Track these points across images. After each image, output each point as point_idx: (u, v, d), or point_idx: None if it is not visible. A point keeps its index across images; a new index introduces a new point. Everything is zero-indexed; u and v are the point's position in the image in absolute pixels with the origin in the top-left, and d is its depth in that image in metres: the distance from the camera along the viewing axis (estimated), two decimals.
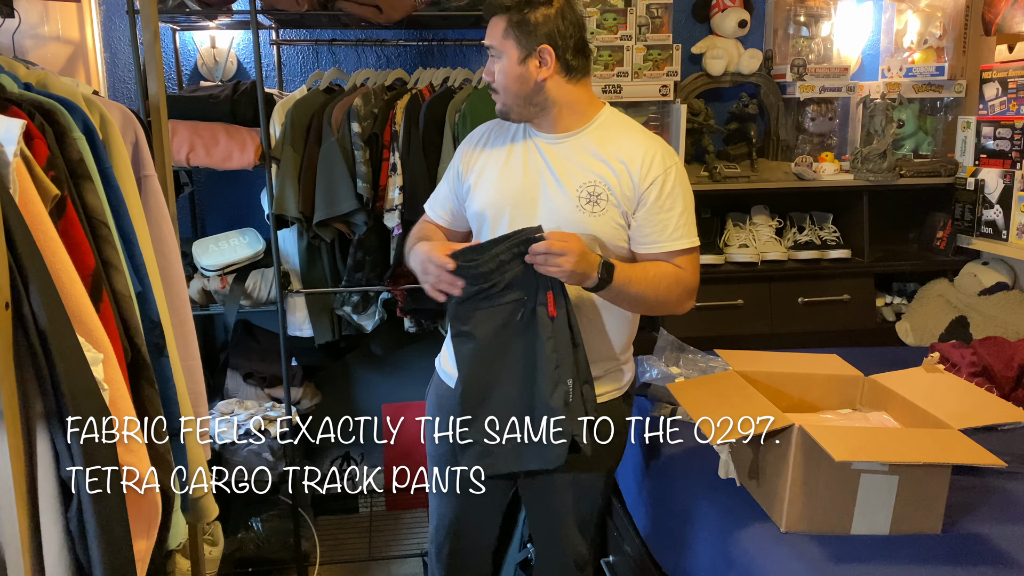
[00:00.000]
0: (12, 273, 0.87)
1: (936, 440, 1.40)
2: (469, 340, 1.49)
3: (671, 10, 2.72)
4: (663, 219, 1.53)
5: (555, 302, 1.44)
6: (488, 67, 1.56)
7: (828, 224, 2.78)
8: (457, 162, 1.69)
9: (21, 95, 1.09)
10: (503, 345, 1.48)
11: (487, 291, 1.45)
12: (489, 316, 1.48)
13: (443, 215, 1.74)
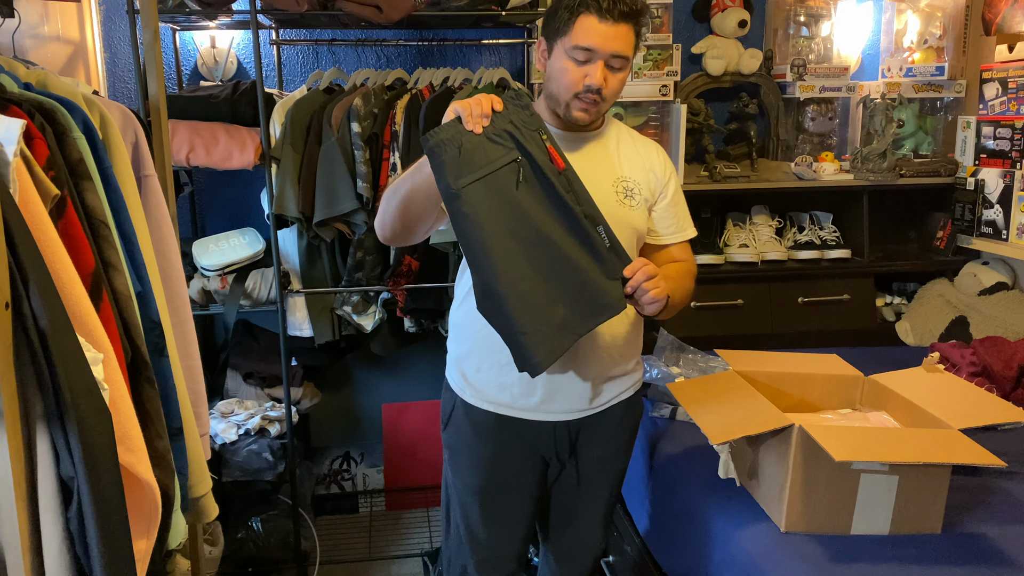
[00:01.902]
0: (12, 273, 0.87)
1: (936, 440, 1.40)
2: (473, 225, 1.35)
3: (671, 10, 2.72)
4: (678, 212, 1.66)
5: (559, 154, 1.39)
6: (597, 75, 1.45)
7: (828, 224, 2.78)
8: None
9: (21, 95, 1.09)
10: (515, 217, 1.37)
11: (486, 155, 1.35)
12: (485, 187, 1.35)
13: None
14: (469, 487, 1.67)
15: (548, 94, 1.54)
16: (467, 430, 1.64)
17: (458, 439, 1.66)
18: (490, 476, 1.65)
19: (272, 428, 2.41)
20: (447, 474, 1.74)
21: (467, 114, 1.35)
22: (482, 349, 1.58)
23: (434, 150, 1.34)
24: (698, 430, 1.54)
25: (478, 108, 1.35)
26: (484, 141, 1.36)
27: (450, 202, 1.36)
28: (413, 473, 3.01)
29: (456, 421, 1.66)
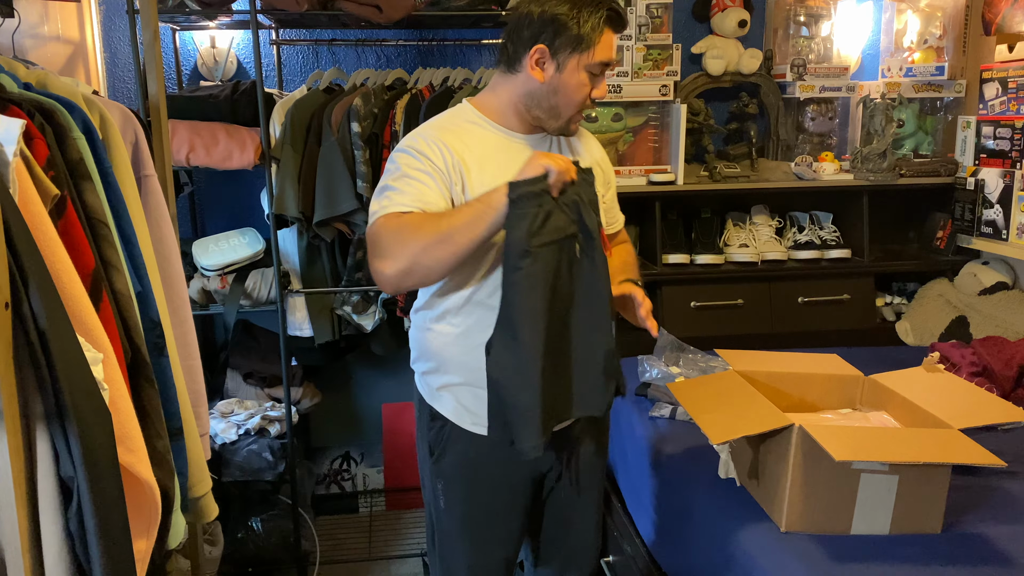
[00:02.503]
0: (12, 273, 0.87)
1: (936, 440, 1.40)
2: (529, 288, 1.32)
3: (671, 10, 2.72)
4: (616, 199, 1.73)
5: (606, 240, 1.41)
6: (604, 87, 1.49)
7: (828, 224, 2.78)
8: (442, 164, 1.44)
9: (21, 95, 1.09)
10: (557, 291, 1.35)
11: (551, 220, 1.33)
12: (551, 253, 1.33)
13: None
14: (467, 517, 1.61)
15: (546, 106, 1.47)
16: (467, 457, 1.56)
17: (455, 468, 1.58)
18: (491, 501, 1.59)
19: (272, 428, 2.41)
20: (435, 508, 1.64)
21: (557, 175, 1.31)
22: (481, 379, 1.42)
23: (520, 201, 1.29)
24: (698, 430, 1.54)
25: (567, 172, 1.33)
26: (557, 206, 1.33)
27: (517, 258, 1.31)
28: (413, 473, 3.01)
29: (452, 450, 1.57)
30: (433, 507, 1.67)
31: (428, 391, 1.61)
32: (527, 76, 1.45)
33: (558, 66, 1.43)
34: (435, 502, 1.64)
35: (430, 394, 1.61)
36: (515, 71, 1.47)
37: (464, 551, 1.63)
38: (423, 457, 1.66)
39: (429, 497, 1.68)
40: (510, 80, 1.48)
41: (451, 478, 1.60)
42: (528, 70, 1.44)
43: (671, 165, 2.66)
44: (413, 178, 1.41)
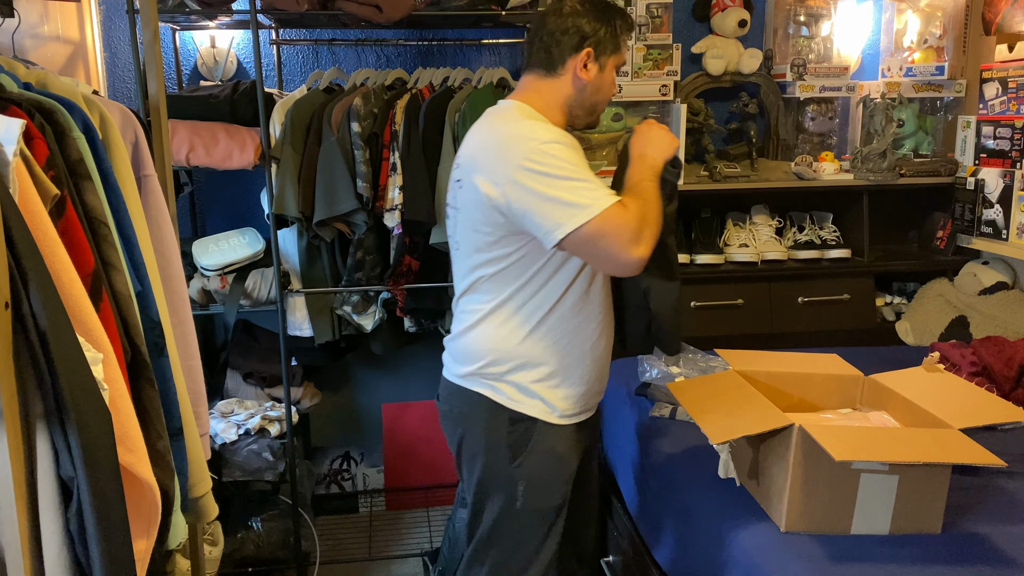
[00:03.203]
0: (12, 273, 0.87)
1: (936, 440, 1.40)
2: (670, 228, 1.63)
3: (671, 10, 2.72)
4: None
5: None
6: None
7: (828, 224, 2.78)
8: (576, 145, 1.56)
9: (21, 95, 1.09)
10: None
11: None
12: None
13: None
14: (547, 510, 1.65)
15: (588, 104, 1.61)
16: (555, 454, 1.62)
17: (538, 466, 1.61)
18: (567, 490, 1.67)
19: (272, 428, 2.41)
20: (508, 511, 1.64)
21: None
22: (566, 366, 1.58)
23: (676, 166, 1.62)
24: (698, 430, 1.54)
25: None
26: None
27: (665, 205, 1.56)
28: (413, 473, 3.01)
29: (539, 449, 1.60)
30: (504, 511, 1.65)
31: (509, 394, 1.60)
32: (573, 77, 1.57)
33: (600, 67, 1.58)
34: (509, 506, 1.64)
35: (511, 397, 1.60)
36: (557, 74, 1.58)
37: (544, 547, 1.67)
38: (495, 462, 1.62)
39: (500, 502, 1.65)
40: (552, 82, 1.59)
41: (536, 477, 1.62)
42: (576, 71, 1.57)
43: None
44: (585, 167, 1.48)
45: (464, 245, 1.59)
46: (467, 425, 1.65)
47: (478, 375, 1.62)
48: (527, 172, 1.42)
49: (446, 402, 1.71)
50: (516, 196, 1.43)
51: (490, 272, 1.55)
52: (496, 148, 1.49)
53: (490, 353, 1.60)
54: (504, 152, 1.46)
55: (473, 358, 1.62)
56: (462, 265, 1.63)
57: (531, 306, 1.55)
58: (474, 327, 1.61)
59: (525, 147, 1.44)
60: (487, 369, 1.61)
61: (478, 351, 1.61)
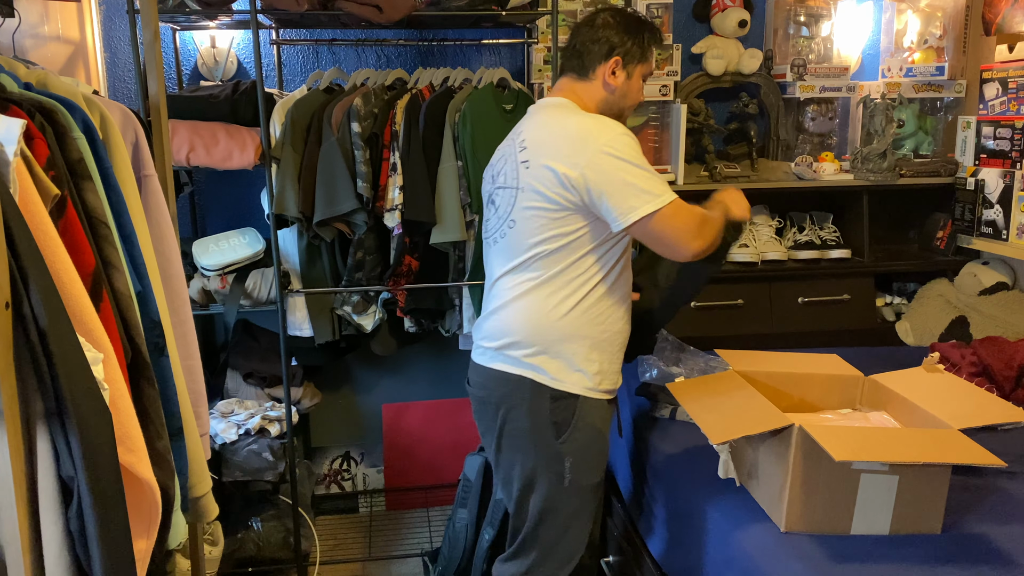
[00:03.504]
0: (12, 273, 0.87)
1: (936, 440, 1.40)
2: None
3: (671, 10, 2.72)
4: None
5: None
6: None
7: (828, 224, 2.78)
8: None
9: (21, 95, 1.09)
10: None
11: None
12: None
13: None
14: (592, 486, 1.75)
15: (615, 109, 1.74)
16: (594, 428, 1.71)
17: (583, 442, 1.70)
18: (605, 466, 1.79)
19: (272, 428, 2.41)
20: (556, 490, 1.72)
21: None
22: (601, 342, 1.69)
23: (741, 227, 1.75)
24: (698, 430, 1.54)
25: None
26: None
27: (716, 260, 1.72)
28: (413, 473, 3.01)
29: (578, 426, 1.68)
30: (553, 489, 1.72)
31: (551, 372, 1.67)
32: (604, 82, 1.72)
33: (628, 75, 1.72)
34: (558, 483, 1.71)
35: (553, 375, 1.67)
36: (589, 78, 1.73)
37: (585, 523, 1.79)
38: (542, 441, 1.70)
39: (549, 481, 1.71)
40: (586, 85, 1.73)
41: (581, 452, 1.71)
42: (605, 77, 1.71)
43: (671, 165, 2.66)
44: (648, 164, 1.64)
45: (524, 223, 1.67)
46: (509, 407, 1.71)
47: (515, 356, 1.69)
48: (609, 157, 1.56)
49: (482, 387, 1.77)
50: (596, 178, 1.56)
51: (549, 249, 1.64)
52: (575, 135, 1.61)
53: (527, 327, 1.68)
54: (585, 138, 1.60)
55: (509, 332, 1.69)
56: (516, 243, 1.69)
57: (578, 282, 1.65)
58: (514, 301, 1.70)
59: (607, 134, 1.59)
60: (524, 347, 1.68)
61: (515, 326, 1.69)
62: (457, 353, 2.89)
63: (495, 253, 1.76)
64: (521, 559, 1.80)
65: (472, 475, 2.39)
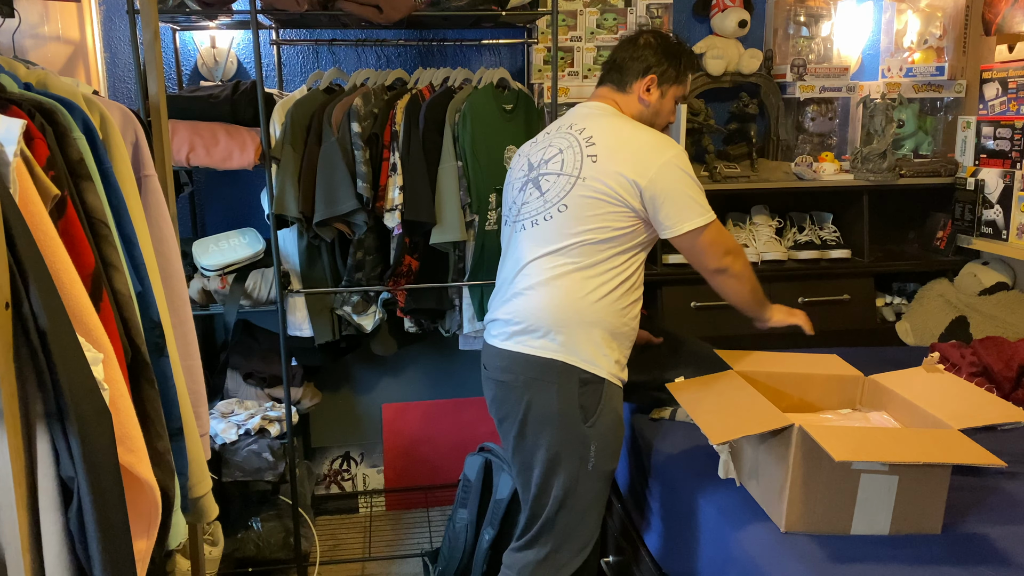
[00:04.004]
0: (12, 273, 0.87)
1: (936, 440, 1.40)
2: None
3: (671, 10, 2.72)
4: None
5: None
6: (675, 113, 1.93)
7: (828, 224, 2.78)
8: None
9: (21, 95, 1.09)
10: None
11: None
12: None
13: None
14: (610, 472, 1.82)
15: (647, 124, 1.84)
16: (616, 414, 1.80)
17: (607, 426, 1.77)
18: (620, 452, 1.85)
19: (272, 428, 2.41)
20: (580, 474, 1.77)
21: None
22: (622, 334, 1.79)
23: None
24: (698, 430, 1.54)
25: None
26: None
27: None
28: (413, 473, 3.01)
29: (604, 410, 1.76)
30: (577, 473, 1.77)
31: (582, 354, 1.74)
32: (639, 97, 1.84)
33: (661, 94, 1.85)
34: (582, 467, 1.77)
35: (583, 357, 1.74)
36: (626, 91, 1.85)
37: (601, 510, 1.86)
38: (569, 424, 1.75)
39: (573, 464, 1.77)
40: (624, 97, 1.86)
41: (604, 437, 1.78)
42: (640, 93, 1.84)
43: None
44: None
45: (579, 208, 1.74)
46: (536, 390, 1.76)
47: (545, 339, 1.74)
48: (677, 169, 1.71)
49: (505, 371, 1.80)
50: (662, 186, 1.70)
51: (596, 238, 1.73)
52: (647, 146, 1.75)
53: (561, 309, 1.74)
54: (657, 149, 1.73)
55: (539, 314, 1.75)
56: (563, 227, 1.75)
57: (611, 274, 1.74)
58: (548, 283, 1.76)
59: (674, 150, 1.74)
60: (556, 329, 1.74)
61: (548, 308, 1.74)
62: (457, 353, 2.89)
63: (528, 237, 1.81)
64: (538, 547, 1.83)
65: (472, 475, 2.39)
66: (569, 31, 2.73)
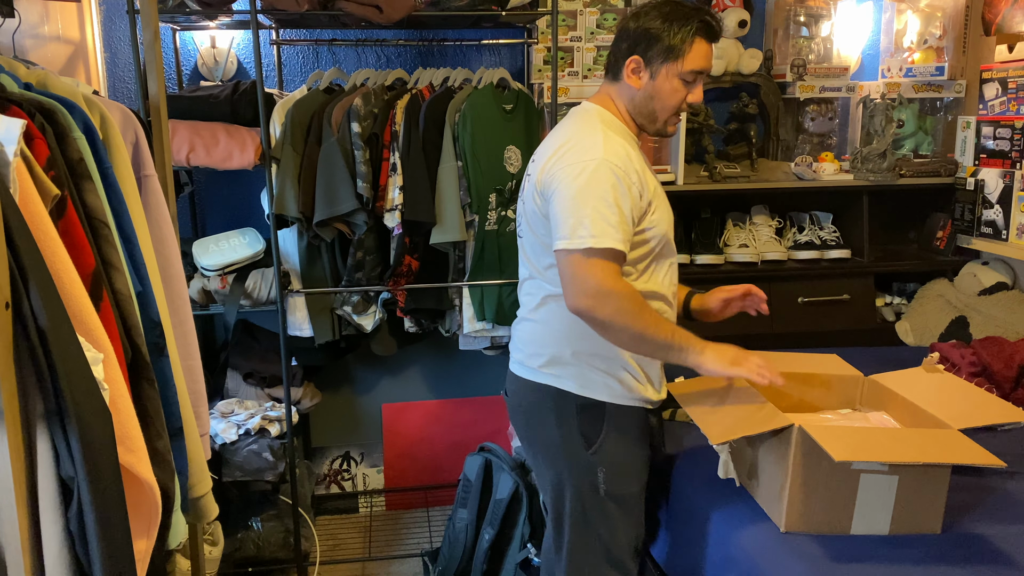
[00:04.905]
0: (12, 273, 0.87)
1: (936, 440, 1.40)
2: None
3: None
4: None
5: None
6: (700, 93, 1.62)
7: (828, 224, 2.78)
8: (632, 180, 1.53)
9: (21, 95, 1.09)
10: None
11: None
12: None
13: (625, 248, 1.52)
14: (631, 495, 1.68)
15: (645, 111, 1.61)
16: (628, 437, 1.64)
17: (615, 451, 1.63)
18: (646, 475, 1.71)
19: (272, 428, 2.41)
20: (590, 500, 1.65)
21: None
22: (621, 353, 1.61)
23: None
24: (698, 430, 1.54)
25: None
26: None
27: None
28: (413, 473, 3.01)
29: (610, 434, 1.62)
30: (587, 498, 1.65)
31: (582, 381, 1.61)
32: (626, 84, 1.60)
33: (651, 74, 1.58)
34: (592, 493, 1.65)
35: (583, 384, 1.61)
36: (618, 79, 1.61)
37: (627, 531, 1.69)
38: (571, 451, 1.64)
39: (582, 490, 1.65)
40: (616, 88, 1.63)
41: (614, 462, 1.64)
42: (625, 78, 1.59)
43: (671, 165, 2.66)
44: (618, 207, 1.48)
45: (529, 235, 1.65)
46: (539, 417, 1.67)
47: (538, 365, 1.64)
48: (578, 175, 1.49)
49: (514, 396, 1.73)
50: (551, 190, 1.52)
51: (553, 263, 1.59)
52: (563, 148, 1.55)
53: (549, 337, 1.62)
54: (568, 151, 1.53)
55: (532, 342, 1.66)
56: (529, 253, 1.67)
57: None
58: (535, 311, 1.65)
59: (592, 155, 1.50)
60: (546, 356, 1.63)
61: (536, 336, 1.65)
62: (457, 353, 2.89)
63: (520, 251, 1.72)
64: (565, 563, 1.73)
65: (472, 475, 2.39)
66: (569, 31, 2.73)
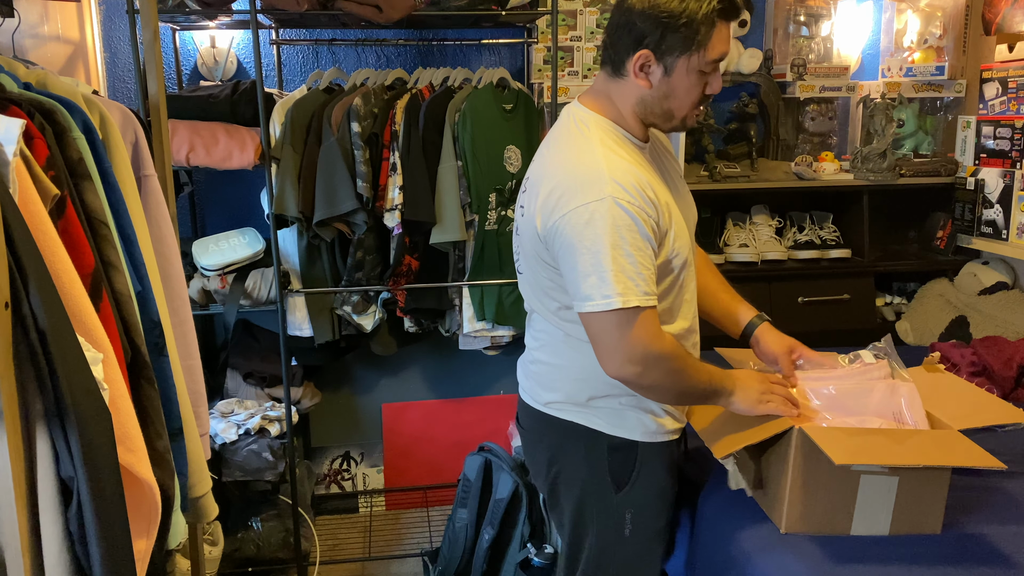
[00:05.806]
0: (12, 273, 0.87)
1: (936, 441, 1.40)
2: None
3: None
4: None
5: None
6: (719, 81, 1.38)
7: (828, 224, 2.78)
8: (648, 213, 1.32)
9: (21, 95, 1.09)
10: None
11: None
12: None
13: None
14: (657, 531, 1.56)
15: (658, 112, 1.39)
16: (659, 475, 1.51)
17: (644, 493, 1.50)
18: (671, 506, 1.58)
19: (272, 428, 2.41)
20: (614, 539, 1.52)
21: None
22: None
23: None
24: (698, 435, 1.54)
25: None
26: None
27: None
28: (413, 473, 3.01)
29: (641, 475, 1.49)
30: (612, 538, 1.53)
31: (611, 420, 1.47)
32: (632, 83, 1.37)
33: (666, 70, 1.34)
34: (617, 533, 1.52)
35: (614, 423, 1.47)
36: (622, 76, 1.38)
37: (651, 565, 1.59)
38: (598, 493, 1.50)
39: (606, 530, 1.53)
40: (620, 84, 1.39)
41: (642, 503, 1.52)
42: (632, 76, 1.36)
43: None
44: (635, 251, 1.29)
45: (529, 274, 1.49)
46: (565, 457, 1.52)
47: (568, 402, 1.49)
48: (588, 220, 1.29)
49: (533, 431, 1.57)
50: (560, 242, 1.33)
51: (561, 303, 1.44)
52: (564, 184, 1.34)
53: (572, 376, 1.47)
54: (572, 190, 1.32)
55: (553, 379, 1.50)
56: (531, 291, 1.52)
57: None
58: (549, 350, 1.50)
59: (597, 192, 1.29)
60: (573, 394, 1.48)
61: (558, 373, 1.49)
62: (457, 353, 2.89)
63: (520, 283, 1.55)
64: None
65: (472, 475, 2.39)
66: (569, 31, 2.73)
